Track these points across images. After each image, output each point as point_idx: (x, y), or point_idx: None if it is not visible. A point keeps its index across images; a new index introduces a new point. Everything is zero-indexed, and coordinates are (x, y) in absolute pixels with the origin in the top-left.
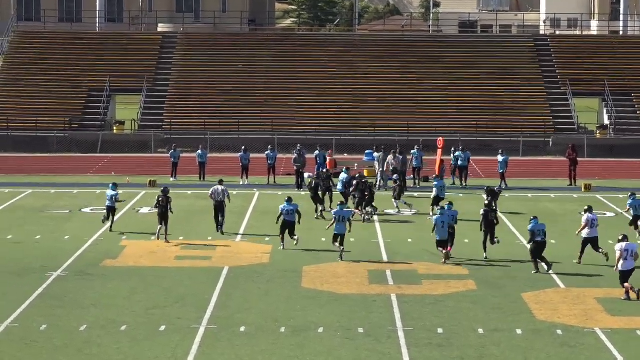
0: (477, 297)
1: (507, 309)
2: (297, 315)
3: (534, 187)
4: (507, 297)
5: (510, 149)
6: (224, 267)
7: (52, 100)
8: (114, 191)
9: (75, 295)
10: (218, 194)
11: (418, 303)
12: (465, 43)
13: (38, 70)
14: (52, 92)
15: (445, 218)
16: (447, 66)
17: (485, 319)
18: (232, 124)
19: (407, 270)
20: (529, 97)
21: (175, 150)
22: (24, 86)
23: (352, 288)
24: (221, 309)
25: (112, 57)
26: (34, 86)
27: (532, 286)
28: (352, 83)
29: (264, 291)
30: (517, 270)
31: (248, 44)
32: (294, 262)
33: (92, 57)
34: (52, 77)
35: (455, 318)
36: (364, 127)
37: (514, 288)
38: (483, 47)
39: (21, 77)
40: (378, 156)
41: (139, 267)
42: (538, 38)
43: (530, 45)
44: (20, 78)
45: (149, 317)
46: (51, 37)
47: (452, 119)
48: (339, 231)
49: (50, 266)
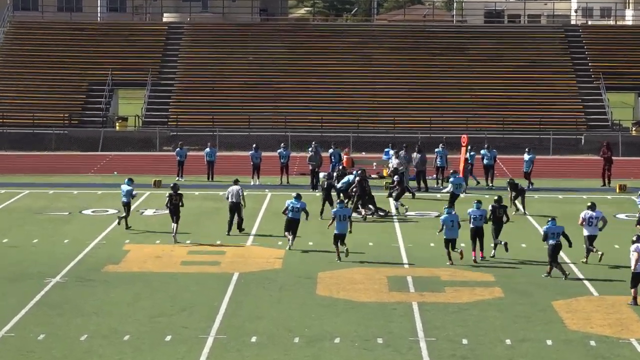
0: (504, 305)
1: (536, 318)
2: (312, 324)
3: (564, 187)
4: (536, 305)
5: (539, 147)
6: (234, 272)
7: (51, 95)
8: (129, 186)
9: (75, 303)
10: (233, 195)
11: (441, 311)
12: (491, 34)
13: (35, 63)
14: (50, 87)
15: (455, 217)
16: (472, 59)
17: (512, 329)
18: (242, 121)
19: (429, 276)
20: (560, 91)
21: (182, 148)
22: (21, 80)
23: (370, 295)
24: (231, 318)
25: (115, 49)
26: (31, 80)
27: (562, 293)
28: (370, 77)
29: (276, 299)
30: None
31: (259, 35)
32: (308, 267)
33: (93, 49)
34: (51, 70)
35: (480, 328)
36: (383, 124)
37: (543, 295)
38: (510, 38)
39: (17, 70)
40: (400, 155)
41: (143, 272)
42: (569, 28)
43: (561, 36)
44: (16, 72)
45: (154, 326)
46: (49, 27)
47: (477, 115)
48: (340, 231)
49: (48, 272)
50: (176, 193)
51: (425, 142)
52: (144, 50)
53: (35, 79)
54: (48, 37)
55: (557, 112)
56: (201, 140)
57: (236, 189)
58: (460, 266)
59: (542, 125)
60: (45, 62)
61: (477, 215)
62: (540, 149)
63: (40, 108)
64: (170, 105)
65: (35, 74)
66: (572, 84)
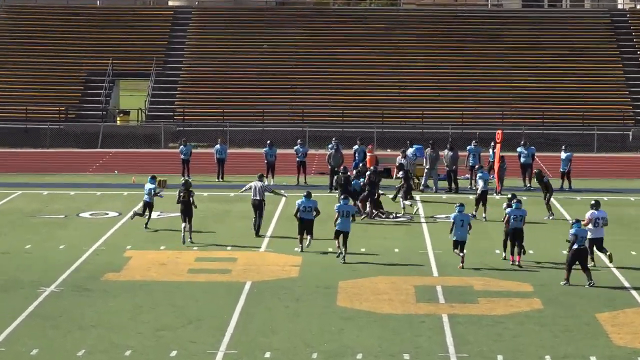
0: (543, 317)
1: (579, 332)
2: (332, 338)
3: (610, 188)
4: (578, 318)
5: (582, 143)
6: (246, 281)
7: (45, 86)
8: (152, 184)
9: (72, 314)
10: (257, 191)
11: (474, 325)
12: (530, 19)
13: (28, 51)
14: (44, 78)
15: (465, 217)
16: (509, 47)
17: (553, 344)
18: (255, 115)
19: (461, 285)
20: (605, 82)
21: (186, 145)
22: (13, 70)
23: (395, 307)
24: (242, 332)
25: (115, 35)
26: (23, 70)
27: (608, 305)
28: (396, 67)
29: (292, 310)
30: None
31: (274, 21)
32: (328, 276)
33: (91, 36)
34: (45, 59)
35: (517, 343)
36: (410, 118)
37: (586, 307)
38: (550, 24)
39: (8, 59)
40: (425, 153)
41: (146, 281)
42: (615, 13)
43: (607, 22)
44: (7, 61)
45: (158, 340)
46: (44, 12)
47: (514, 108)
48: (342, 228)
49: (42, 280)
50: (186, 189)
51: (455, 138)
52: (148, 37)
53: (28, 69)
54: (42, 23)
55: (602, 105)
56: (210, 137)
57: (260, 185)
58: (495, 275)
59: (586, 120)
60: (39, 51)
61: (516, 215)
62: (583, 146)
63: (34, 101)
64: (176, 97)
65: (28, 63)
66: (619, 75)
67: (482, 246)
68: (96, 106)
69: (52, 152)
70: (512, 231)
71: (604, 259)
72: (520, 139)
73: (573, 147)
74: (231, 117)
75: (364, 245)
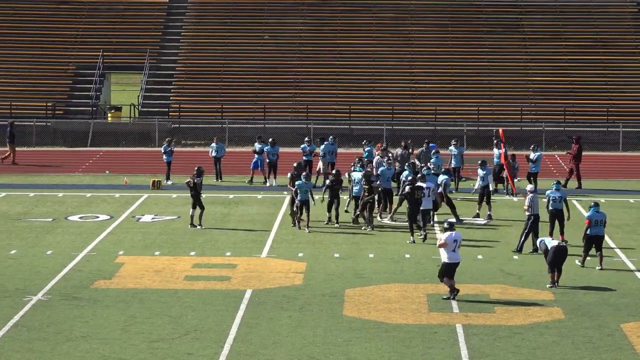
0: (564, 328)
1: (603, 344)
2: (338, 350)
3: (637, 190)
4: (602, 328)
5: (607, 141)
6: (247, 290)
7: (31, 80)
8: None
9: (60, 325)
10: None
11: (490, 336)
12: (551, 9)
13: (13, 44)
14: (30, 71)
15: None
16: (528, 38)
17: (575, 357)
18: (256, 111)
19: (477, 294)
20: (632, 77)
21: (169, 144)
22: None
23: (407, 317)
24: (242, 343)
25: (106, 26)
26: (7, 63)
27: (634, 315)
28: (408, 60)
29: (296, 321)
30: (616, 295)
31: (276, 10)
32: (334, 283)
33: (80, 27)
34: (31, 51)
35: (537, 355)
36: (422, 115)
37: (611, 317)
38: (573, 14)
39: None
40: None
41: (140, 289)
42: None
43: (634, 11)
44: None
45: (153, 353)
46: (29, 1)
47: (534, 104)
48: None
49: (28, 288)
50: (198, 176)
51: (471, 135)
52: (141, 28)
53: (12, 62)
54: (27, 12)
55: (628, 100)
56: (208, 134)
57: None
58: (513, 282)
59: (611, 116)
60: (24, 42)
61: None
62: (609, 144)
63: (19, 96)
64: (171, 92)
65: (12, 55)
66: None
67: (500, 253)
68: (85, 102)
69: (38, 151)
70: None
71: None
72: (541, 137)
73: (597, 145)
74: (230, 113)
75: (373, 250)
